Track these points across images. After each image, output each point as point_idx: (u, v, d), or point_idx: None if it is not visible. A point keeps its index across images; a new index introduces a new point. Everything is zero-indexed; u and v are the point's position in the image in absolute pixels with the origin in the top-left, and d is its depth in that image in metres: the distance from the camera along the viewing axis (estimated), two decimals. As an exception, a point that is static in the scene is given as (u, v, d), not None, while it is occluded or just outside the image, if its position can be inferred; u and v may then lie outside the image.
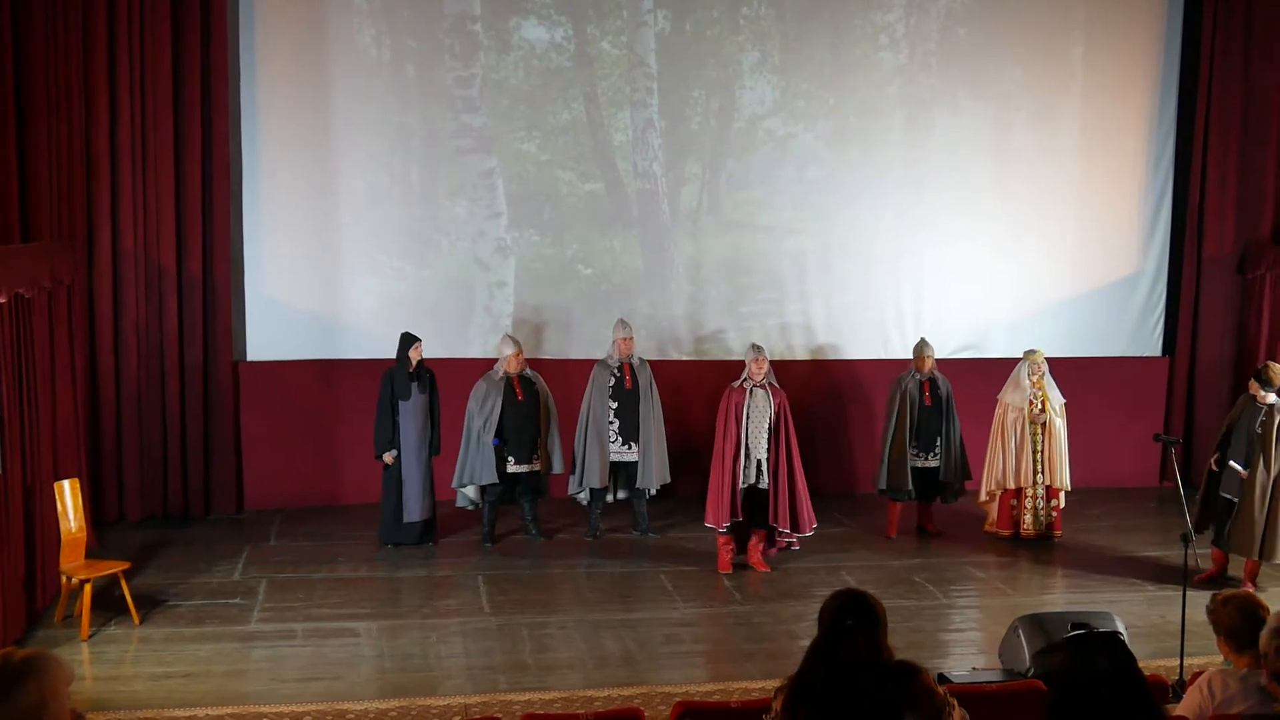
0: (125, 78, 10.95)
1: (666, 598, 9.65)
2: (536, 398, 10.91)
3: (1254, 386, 9.84)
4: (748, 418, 10.06)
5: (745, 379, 10.17)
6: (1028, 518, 11.11)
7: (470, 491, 10.91)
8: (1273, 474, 9.63)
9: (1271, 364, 9.97)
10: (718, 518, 10.07)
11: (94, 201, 10.97)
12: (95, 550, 9.77)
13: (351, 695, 7.61)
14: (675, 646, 8.67)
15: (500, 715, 6.16)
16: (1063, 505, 11.18)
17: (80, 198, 10.85)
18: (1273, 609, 4.47)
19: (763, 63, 12.52)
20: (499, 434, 10.72)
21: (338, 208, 11.93)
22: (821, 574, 10.17)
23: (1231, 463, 9.87)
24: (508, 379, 10.82)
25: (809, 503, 10.23)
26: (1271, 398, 9.74)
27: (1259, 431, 9.71)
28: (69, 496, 8.84)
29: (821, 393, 12.78)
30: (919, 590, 9.90)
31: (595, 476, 10.95)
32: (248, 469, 11.90)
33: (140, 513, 11.37)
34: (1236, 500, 9.78)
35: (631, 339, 11.07)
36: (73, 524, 8.82)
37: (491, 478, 10.71)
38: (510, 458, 10.79)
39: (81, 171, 10.85)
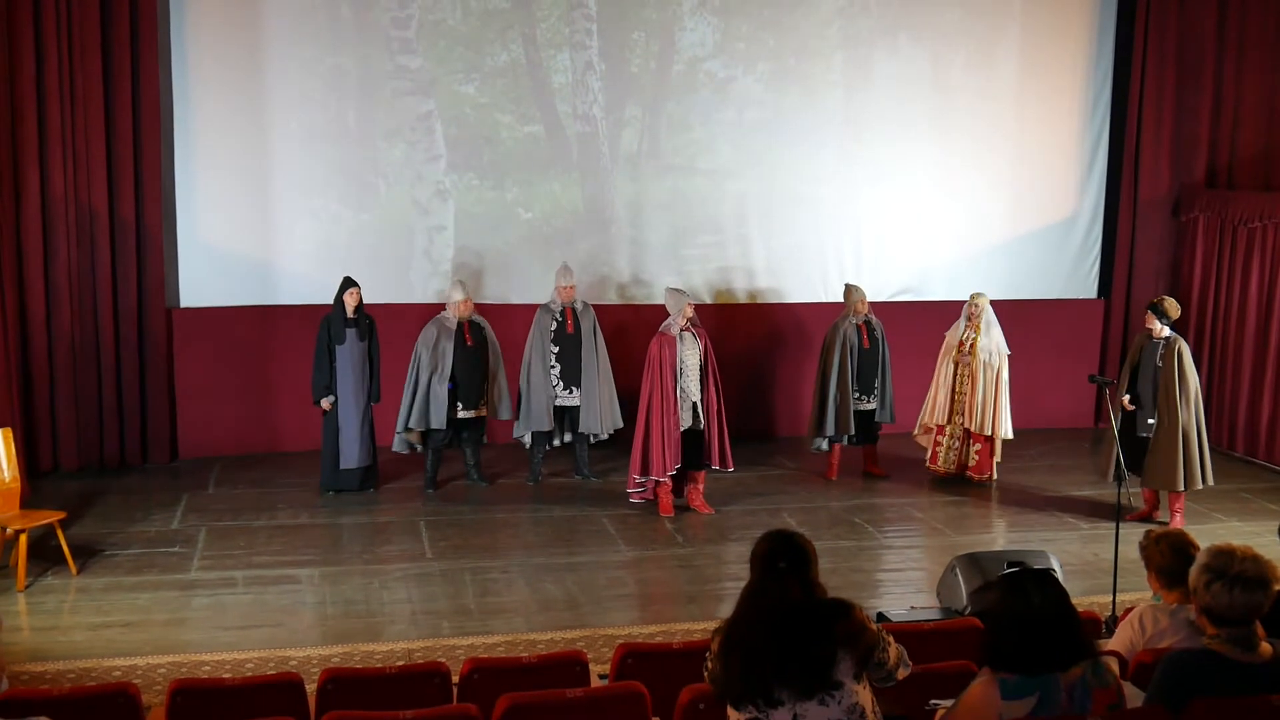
0: (51, 17, 10.65)
1: (609, 541, 9.69)
2: (484, 343, 10.87)
3: (1150, 319, 10.00)
4: (683, 363, 10.06)
5: (672, 324, 10.12)
6: (941, 455, 11.25)
7: (411, 436, 10.85)
8: (1189, 406, 9.78)
9: (1167, 298, 10.14)
10: (664, 466, 10.07)
11: (20, 145, 10.69)
12: (30, 500, 9.62)
13: (294, 642, 7.59)
14: (618, 590, 8.72)
15: (444, 660, 6.15)
16: (999, 457, 11.21)
17: (5, 141, 10.58)
18: (1202, 546, 4.55)
19: (702, 4, 12.41)
20: (451, 379, 10.68)
21: (272, 151, 11.73)
22: (763, 516, 10.24)
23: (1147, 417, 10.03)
24: (460, 324, 10.77)
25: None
26: (1166, 330, 9.92)
27: (1160, 365, 9.87)
28: (1, 446, 8.71)
29: (762, 336, 12.81)
30: (859, 531, 10.01)
31: (539, 419, 10.93)
32: (183, 417, 11.76)
33: (75, 462, 11.22)
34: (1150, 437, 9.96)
35: (573, 286, 10.98)
36: (6, 474, 8.70)
37: (441, 423, 10.67)
38: (459, 403, 10.76)
39: (6, 114, 10.56)
